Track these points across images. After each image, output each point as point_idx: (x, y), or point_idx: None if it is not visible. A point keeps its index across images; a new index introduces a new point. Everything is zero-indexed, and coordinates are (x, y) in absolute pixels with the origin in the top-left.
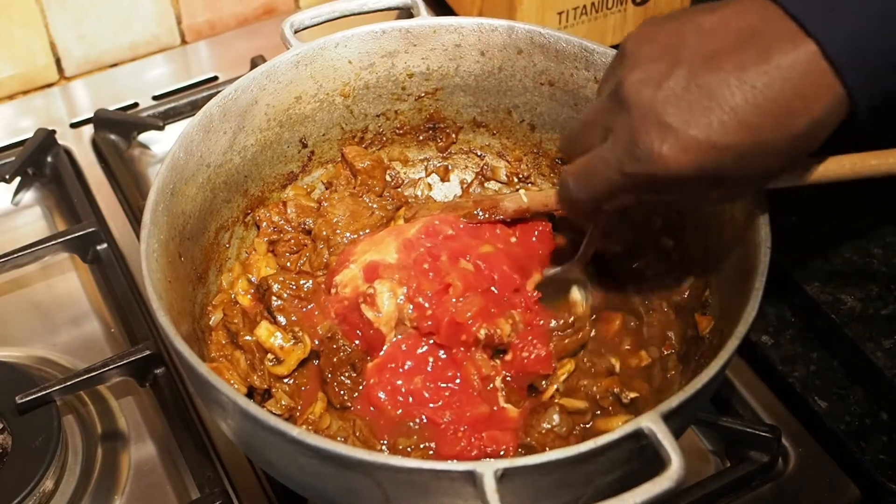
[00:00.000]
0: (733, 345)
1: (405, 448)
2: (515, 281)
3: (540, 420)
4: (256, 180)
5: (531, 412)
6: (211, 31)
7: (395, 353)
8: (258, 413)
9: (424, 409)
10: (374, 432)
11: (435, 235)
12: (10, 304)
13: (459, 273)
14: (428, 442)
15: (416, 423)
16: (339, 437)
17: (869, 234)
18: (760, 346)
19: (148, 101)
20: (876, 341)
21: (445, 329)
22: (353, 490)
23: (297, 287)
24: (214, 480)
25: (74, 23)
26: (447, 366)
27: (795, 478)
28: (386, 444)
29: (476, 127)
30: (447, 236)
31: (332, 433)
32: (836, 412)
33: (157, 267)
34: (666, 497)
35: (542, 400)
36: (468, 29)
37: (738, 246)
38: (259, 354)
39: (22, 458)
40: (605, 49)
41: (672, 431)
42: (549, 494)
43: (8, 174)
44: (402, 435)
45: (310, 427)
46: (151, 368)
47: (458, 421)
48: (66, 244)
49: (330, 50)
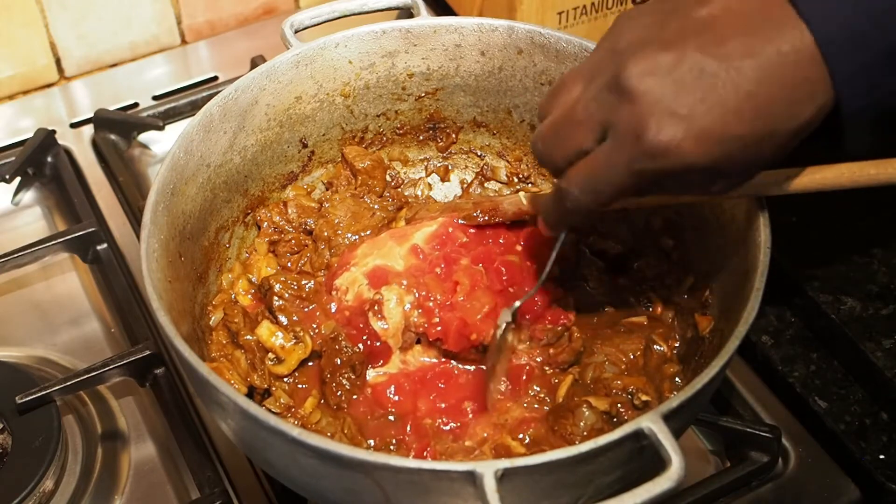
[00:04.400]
0: (733, 345)
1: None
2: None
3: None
4: (256, 180)
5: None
6: (211, 31)
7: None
8: (258, 413)
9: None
10: (362, 432)
11: (449, 243)
12: (10, 304)
13: (468, 273)
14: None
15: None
16: (328, 433)
17: (869, 235)
18: (760, 346)
19: (148, 101)
20: (876, 341)
21: (455, 332)
22: (353, 490)
23: (298, 287)
24: (214, 480)
25: (74, 23)
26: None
27: (795, 478)
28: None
29: (476, 127)
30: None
31: (322, 428)
32: (836, 412)
33: (157, 267)
34: (666, 497)
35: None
36: (468, 29)
37: (738, 246)
38: (259, 354)
39: (22, 458)
40: None
41: (672, 431)
42: (550, 494)
43: (8, 174)
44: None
45: (298, 422)
46: (151, 368)
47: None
48: (66, 244)
49: (330, 50)
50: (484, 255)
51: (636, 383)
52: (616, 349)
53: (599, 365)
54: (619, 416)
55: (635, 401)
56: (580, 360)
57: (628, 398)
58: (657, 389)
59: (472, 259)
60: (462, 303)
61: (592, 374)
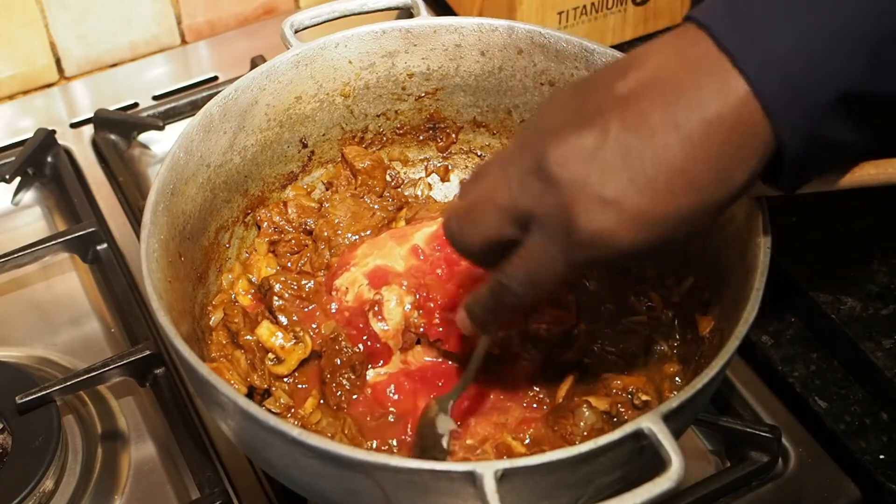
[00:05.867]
0: (733, 345)
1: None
2: None
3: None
4: (256, 180)
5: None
6: (211, 31)
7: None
8: (258, 413)
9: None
10: (362, 432)
11: None
12: (10, 304)
13: (469, 275)
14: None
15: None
16: (328, 434)
17: (869, 235)
18: (760, 346)
19: (148, 101)
20: (876, 341)
21: (456, 333)
22: (353, 490)
23: (298, 287)
24: (214, 480)
25: (74, 23)
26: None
27: (795, 478)
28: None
29: (476, 127)
30: None
31: (322, 429)
32: (836, 412)
33: (157, 267)
34: (666, 497)
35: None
36: (468, 29)
37: (739, 246)
38: (259, 354)
39: (22, 458)
40: (605, 49)
41: (672, 432)
42: (550, 494)
43: (8, 174)
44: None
45: (298, 422)
46: (151, 368)
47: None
48: (66, 244)
49: (330, 50)
50: None
51: (636, 383)
52: (616, 349)
53: (599, 365)
54: (619, 416)
55: (635, 401)
56: (581, 361)
57: (628, 398)
58: (657, 389)
59: None
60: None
61: (592, 374)
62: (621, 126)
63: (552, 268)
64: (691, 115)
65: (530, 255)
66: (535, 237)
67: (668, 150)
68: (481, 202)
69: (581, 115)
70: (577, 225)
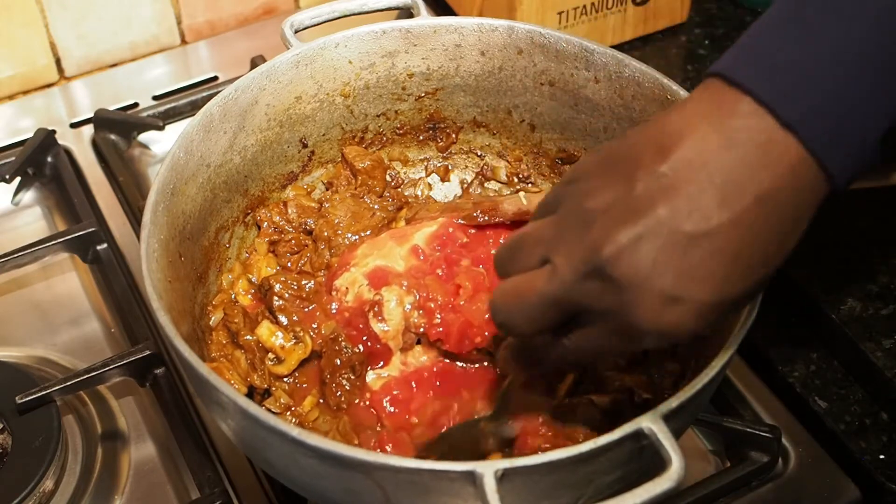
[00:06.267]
0: (733, 345)
1: None
2: None
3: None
4: (256, 180)
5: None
6: (211, 31)
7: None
8: (258, 413)
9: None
10: (357, 431)
11: (450, 244)
12: (10, 304)
13: (470, 276)
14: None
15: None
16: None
17: (869, 235)
18: (760, 346)
19: (148, 101)
20: (876, 341)
21: (457, 334)
22: (353, 490)
23: (298, 287)
24: (214, 480)
25: (74, 23)
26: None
27: (795, 478)
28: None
29: (476, 127)
30: (462, 244)
31: (318, 426)
32: (836, 412)
33: (157, 267)
34: (666, 497)
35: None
36: (468, 29)
37: None
38: (259, 354)
39: (22, 458)
40: (605, 49)
41: (672, 431)
42: (550, 494)
43: (8, 174)
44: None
45: (296, 419)
46: (151, 368)
47: None
48: (66, 244)
49: (330, 50)
50: (485, 256)
51: (636, 382)
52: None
53: (600, 364)
54: (619, 416)
55: (635, 399)
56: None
57: (628, 397)
58: (657, 389)
59: (472, 260)
60: (465, 305)
61: (592, 374)
62: (672, 215)
63: (608, 350)
64: (745, 194)
65: (586, 341)
66: (592, 326)
67: (726, 237)
68: (528, 288)
69: (629, 205)
70: (640, 322)
